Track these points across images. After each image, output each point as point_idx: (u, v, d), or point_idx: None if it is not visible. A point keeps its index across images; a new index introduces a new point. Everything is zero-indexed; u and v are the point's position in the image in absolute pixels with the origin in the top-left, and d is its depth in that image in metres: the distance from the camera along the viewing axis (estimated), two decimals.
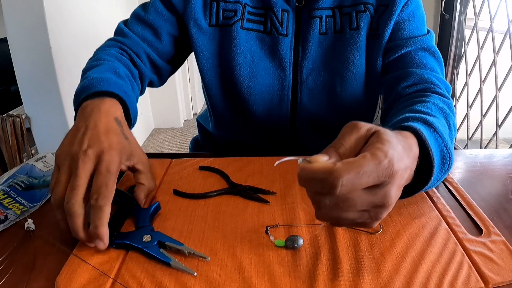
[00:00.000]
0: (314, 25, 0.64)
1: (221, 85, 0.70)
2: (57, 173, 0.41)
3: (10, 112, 1.62)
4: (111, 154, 0.40)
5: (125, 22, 0.69)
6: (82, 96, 0.49)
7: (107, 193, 0.38)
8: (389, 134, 0.32)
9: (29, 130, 1.66)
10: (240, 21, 0.64)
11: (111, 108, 0.47)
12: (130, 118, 0.54)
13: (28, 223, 0.46)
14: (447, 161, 0.43)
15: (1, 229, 0.46)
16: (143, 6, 0.68)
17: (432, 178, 0.40)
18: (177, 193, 0.52)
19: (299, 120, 0.69)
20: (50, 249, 0.42)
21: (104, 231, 0.38)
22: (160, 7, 0.66)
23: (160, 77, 0.73)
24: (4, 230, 0.46)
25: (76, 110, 0.50)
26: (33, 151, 1.70)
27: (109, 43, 0.67)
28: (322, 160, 0.31)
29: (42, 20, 1.48)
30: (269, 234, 0.43)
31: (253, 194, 0.51)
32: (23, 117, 1.61)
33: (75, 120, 0.48)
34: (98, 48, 0.67)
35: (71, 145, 0.41)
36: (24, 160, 1.60)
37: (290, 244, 0.40)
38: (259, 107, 0.69)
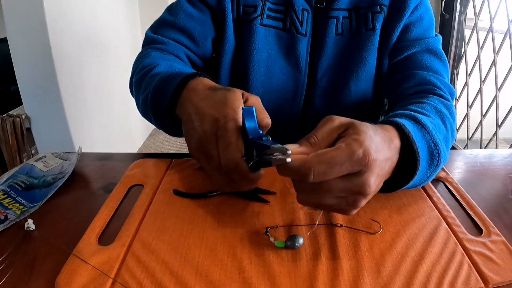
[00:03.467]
0: (331, 26, 0.64)
1: (233, 81, 0.69)
2: (203, 156, 0.40)
3: (10, 112, 1.62)
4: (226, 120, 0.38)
5: (154, 31, 0.66)
6: (169, 94, 0.46)
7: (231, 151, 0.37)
8: (366, 126, 0.34)
9: (29, 130, 1.66)
10: (260, 17, 0.64)
11: (200, 86, 0.45)
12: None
13: (28, 223, 0.46)
14: (435, 157, 0.43)
15: (1, 229, 0.46)
16: (169, 11, 0.66)
17: (418, 172, 0.41)
18: (177, 193, 0.52)
19: (309, 118, 0.70)
20: (50, 249, 0.42)
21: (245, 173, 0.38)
22: (189, 9, 0.64)
23: None
24: (4, 230, 0.46)
25: (164, 107, 0.47)
26: (33, 151, 1.70)
27: (146, 52, 0.63)
28: (293, 148, 0.33)
29: (42, 20, 1.48)
30: (269, 235, 0.43)
31: (253, 194, 0.51)
32: (23, 117, 1.61)
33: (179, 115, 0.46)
34: (137, 60, 0.64)
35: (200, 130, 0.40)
36: (24, 160, 1.60)
37: (291, 243, 0.40)
38: (271, 104, 0.68)
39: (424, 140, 0.42)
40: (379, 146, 0.34)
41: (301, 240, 0.41)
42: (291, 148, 0.33)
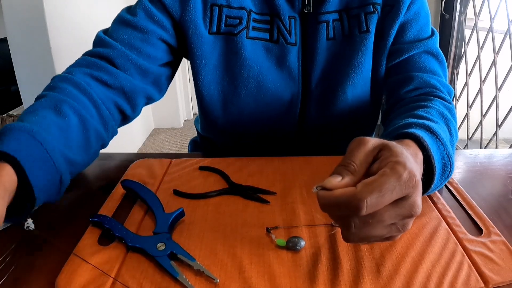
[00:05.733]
0: (322, 31, 0.61)
1: (223, 97, 0.65)
2: None
3: (10, 112, 1.62)
4: None
5: (105, 31, 0.60)
6: None
7: None
8: (399, 146, 0.33)
9: None
10: (246, 29, 0.59)
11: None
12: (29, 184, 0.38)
13: (28, 223, 0.46)
14: (447, 169, 0.43)
15: (1, 228, 0.46)
16: (128, 9, 0.60)
17: (433, 185, 0.41)
18: (177, 193, 0.52)
19: (306, 128, 0.68)
20: (50, 249, 0.42)
21: None
22: (151, 10, 0.58)
23: (158, 86, 0.64)
24: (4, 230, 0.46)
25: None
26: None
27: (80, 61, 0.57)
28: (335, 182, 0.31)
29: (42, 20, 1.47)
30: (270, 233, 0.43)
31: (253, 194, 0.51)
32: None
33: None
34: (66, 70, 0.57)
35: None
36: None
37: (292, 245, 0.40)
38: (265, 118, 0.66)
39: (438, 151, 0.42)
40: (415, 165, 0.33)
41: (302, 243, 0.41)
42: (334, 182, 0.31)
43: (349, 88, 0.63)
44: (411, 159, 0.32)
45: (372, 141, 0.33)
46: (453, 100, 0.60)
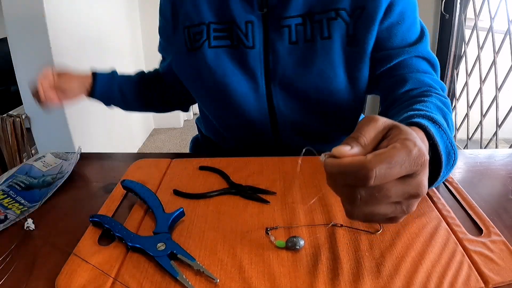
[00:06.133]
0: (284, 35, 0.61)
1: (205, 101, 0.73)
2: None
3: (10, 112, 1.62)
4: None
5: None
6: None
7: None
8: (408, 128, 0.32)
9: (29, 130, 1.66)
10: (207, 41, 0.64)
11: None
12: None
13: (27, 223, 0.46)
14: (452, 157, 0.43)
15: (1, 228, 0.46)
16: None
17: (440, 175, 0.40)
18: (177, 193, 0.52)
19: (280, 124, 0.68)
20: (50, 249, 0.42)
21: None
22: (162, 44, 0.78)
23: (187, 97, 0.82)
24: (4, 230, 0.46)
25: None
26: (33, 151, 1.69)
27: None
28: (345, 150, 0.30)
29: (42, 20, 1.48)
30: (269, 234, 0.43)
31: (253, 194, 0.51)
32: (23, 117, 1.60)
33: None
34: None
35: None
36: (24, 160, 1.60)
37: (291, 245, 0.40)
38: (240, 116, 0.68)
39: (442, 140, 0.41)
40: (424, 146, 0.32)
41: (301, 242, 0.41)
42: (343, 150, 0.31)
43: (313, 93, 0.63)
44: (420, 140, 0.32)
45: (383, 120, 0.33)
46: (452, 100, 0.60)
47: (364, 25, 0.59)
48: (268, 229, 0.44)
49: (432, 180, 0.41)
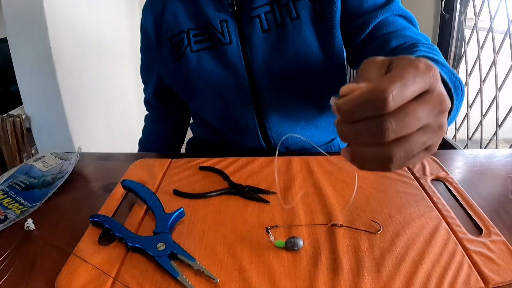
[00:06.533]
0: (256, 25, 0.64)
1: (197, 105, 0.75)
2: None
3: (10, 112, 1.62)
4: None
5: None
6: None
7: None
8: (408, 55, 0.32)
9: (29, 130, 1.66)
10: (189, 46, 0.67)
11: None
12: None
13: (27, 223, 0.46)
14: (459, 87, 0.43)
15: (1, 228, 0.46)
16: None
17: (454, 104, 0.40)
18: (177, 193, 0.52)
19: (266, 112, 0.70)
20: (50, 249, 0.42)
21: None
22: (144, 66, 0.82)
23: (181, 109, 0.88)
24: (4, 230, 0.46)
25: None
26: (33, 151, 1.69)
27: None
28: (353, 86, 0.29)
29: (42, 20, 1.47)
30: (269, 234, 0.43)
31: (253, 194, 0.51)
32: (23, 117, 1.60)
33: None
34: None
35: None
36: (24, 160, 1.60)
37: (291, 245, 0.40)
38: (228, 117, 0.71)
39: (444, 72, 0.41)
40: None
41: (300, 243, 0.41)
42: (351, 86, 0.29)
43: (293, 73, 0.66)
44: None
45: (382, 57, 0.32)
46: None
47: (328, 1, 0.62)
48: (268, 228, 0.44)
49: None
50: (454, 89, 0.41)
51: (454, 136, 1.87)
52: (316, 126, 0.73)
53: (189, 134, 0.93)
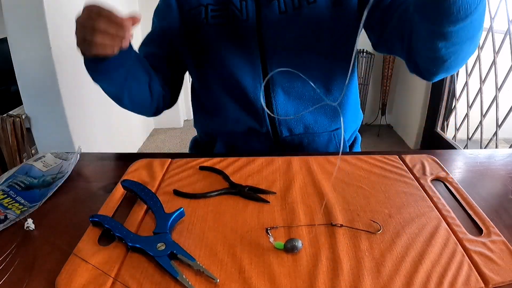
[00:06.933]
0: (274, 6, 0.67)
1: (207, 79, 0.75)
2: None
3: (10, 112, 1.62)
4: None
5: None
6: None
7: None
8: None
9: (29, 130, 1.66)
10: (205, 19, 0.69)
11: None
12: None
13: (27, 223, 0.46)
14: None
15: (1, 228, 0.46)
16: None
17: None
18: (177, 193, 0.52)
19: (274, 91, 0.71)
20: (50, 249, 0.42)
21: None
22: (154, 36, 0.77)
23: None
24: (4, 230, 0.46)
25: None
26: (33, 151, 1.69)
27: None
28: None
29: (42, 20, 1.48)
30: (269, 235, 0.43)
31: (253, 194, 0.51)
32: (23, 117, 1.60)
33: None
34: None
35: None
36: (24, 160, 1.60)
37: (290, 247, 0.40)
38: (238, 93, 0.72)
39: None
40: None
41: (299, 245, 0.40)
42: None
43: (305, 55, 0.69)
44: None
45: None
46: (453, 102, 0.59)
47: None
48: (268, 229, 0.44)
49: None
50: None
51: (454, 136, 1.87)
52: (323, 111, 0.74)
53: (193, 133, 0.92)
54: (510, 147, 1.83)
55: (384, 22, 0.65)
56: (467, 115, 1.71)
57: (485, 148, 1.58)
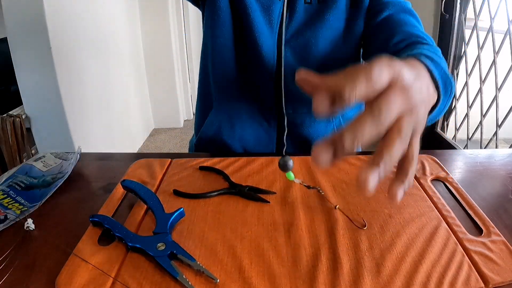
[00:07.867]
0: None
1: (223, 33, 0.75)
2: None
3: (10, 112, 1.62)
4: None
5: None
6: None
7: None
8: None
9: (29, 130, 1.66)
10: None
11: None
12: None
13: (27, 223, 0.46)
14: (448, 86, 0.44)
15: (1, 229, 0.46)
16: None
17: (441, 100, 0.42)
18: (177, 193, 0.52)
19: (284, 76, 0.74)
20: (50, 249, 0.42)
21: None
22: None
23: None
24: (4, 230, 0.46)
25: None
26: (33, 151, 1.70)
27: None
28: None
29: (42, 20, 1.48)
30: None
31: (253, 194, 0.51)
32: (23, 117, 1.61)
33: None
34: None
35: None
36: (24, 160, 1.60)
37: (282, 163, 0.45)
38: (250, 60, 0.74)
39: (437, 70, 0.42)
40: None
41: (291, 163, 0.47)
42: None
43: (321, 42, 0.72)
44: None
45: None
46: (453, 102, 0.61)
47: None
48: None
49: (432, 109, 0.42)
50: (443, 86, 0.42)
51: (454, 136, 1.87)
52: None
53: (193, 133, 0.92)
54: (510, 147, 1.83)
55: (369, 40, 0.71)
56: (467, 115, 1.71)
57: (485, 148, 1.58)
